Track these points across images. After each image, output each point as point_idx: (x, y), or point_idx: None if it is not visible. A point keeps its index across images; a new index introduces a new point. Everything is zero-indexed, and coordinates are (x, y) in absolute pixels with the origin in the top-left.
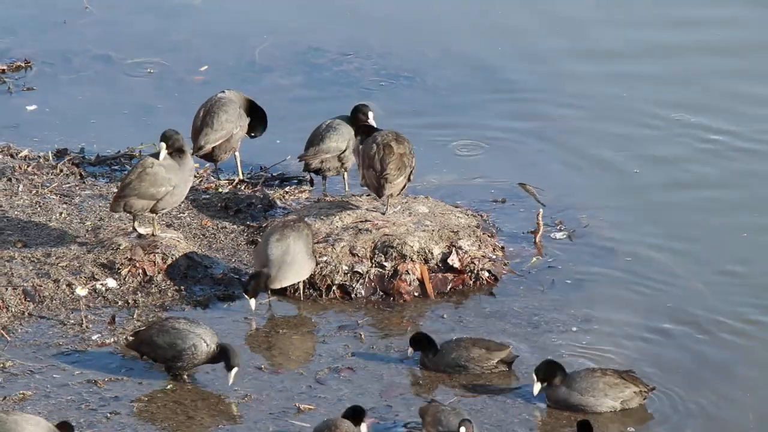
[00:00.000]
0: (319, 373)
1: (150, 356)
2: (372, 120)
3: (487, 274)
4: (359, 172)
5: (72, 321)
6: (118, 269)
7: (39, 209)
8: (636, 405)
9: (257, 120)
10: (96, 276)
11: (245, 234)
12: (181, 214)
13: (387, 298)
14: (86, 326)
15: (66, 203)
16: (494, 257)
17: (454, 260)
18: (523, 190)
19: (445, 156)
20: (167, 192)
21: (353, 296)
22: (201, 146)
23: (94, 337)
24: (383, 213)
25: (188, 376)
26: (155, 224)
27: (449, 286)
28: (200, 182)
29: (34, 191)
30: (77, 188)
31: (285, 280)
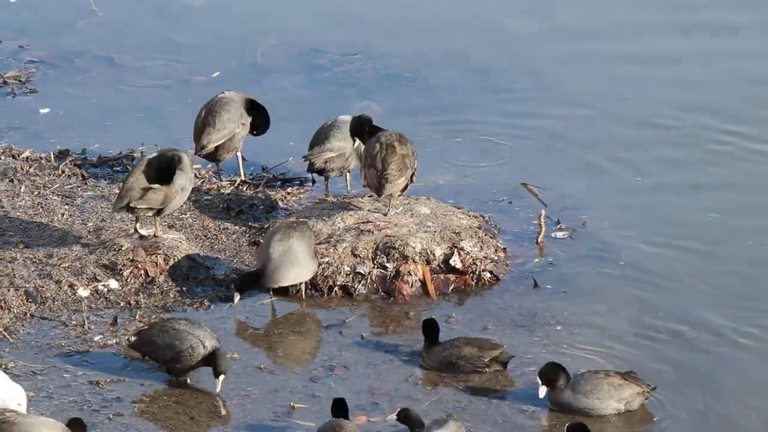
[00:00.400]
0: (316, 372)
1: (151, 357)
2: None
3: (489, 275)
4: (361, 172)
5: (74, 322)
6: (120, 270)
7: (41, 210)
8: (638, 406)
9: (259, 118)
10: (98, 277)
11: (247, 235)
12: (183, 215)
13: (389, 299)
14: (88, 327)
15: (68, 204)
16: (496, 258)
17: (456, 261)
18: (525, 190)
19: (447, 156)
20: (175, 199)
21: (355, 297)
22: (203, 146)
23: (96, 338)
24: (385, 214)
25: (190, 377)
26: (157, 225)
27: (451, 287)
28: (202, 183)
29: (36, 192)
30: (79, 189)
31: (285, 280)
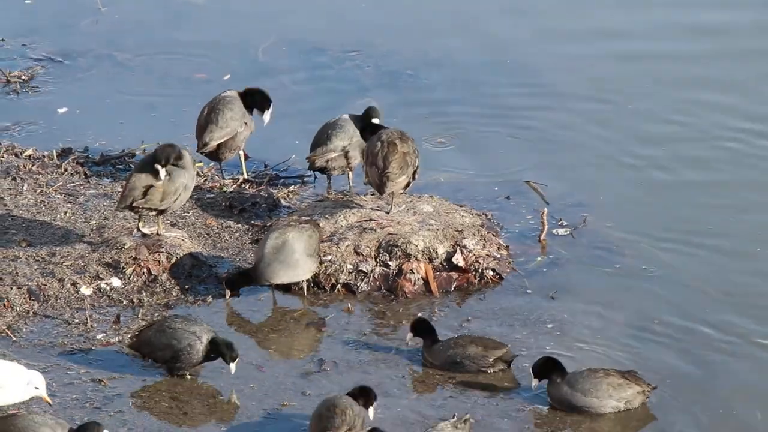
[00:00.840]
0: (314, 369)
1: (151, 357)
2: (376, 120)
3: (492, 273)
4: (363, 170)
5: (77, 320)
6: (123, 268)
7: (43, 208)
8: (638, 405)
9: (259, 100)
10: (101, 275)
11: (250, 233)
12: (186, 214)
13: (391, 297)
14: (91, 325)
15: (70, 202)
16: (499, 256)
17: (459, 259)
18: (528, 188)
19: (448, 154)
20: (178, 198)
21: (357, 295)
22: (206, 143)
23: (99, 336)
24: (387, 212)
25: (191, 375)
26: (160, 223)
27: (454, 285)
28: (204, 181)
29: (39, 190)
30: (82, 187)
31: (276, 277)
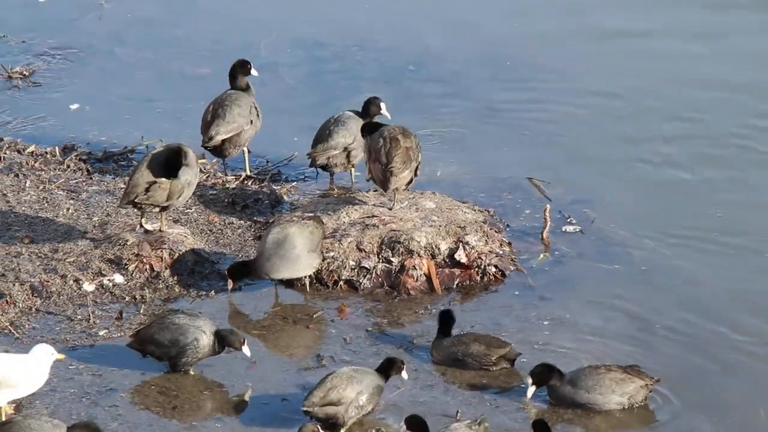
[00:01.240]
0: (313, 364)
1: (154, 355)
2: (385, 111)
3: (494, 270)
4: (366, 166)
5: (79, 316)
6: (126, 265)
7: (46, 205)
8: (642, 399)
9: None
10: (103, 271)
11: (252, 230)
12: (189, 210)
13: (394, 293)
14: (93, 322)
15: (73, 199)
16: (501, 252)
17: (461, 255)
18: (531, 185)
19: (451, 150)
20: (182, 195)
21: (360, 291)
22: (211, 136)
23: (101, 333)
24: (390, 208)
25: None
26: (162, 220)
27: (456, 282)
28: (207, 178)
29: (41, 187)
30: (84, 184)
31: (277, 272)
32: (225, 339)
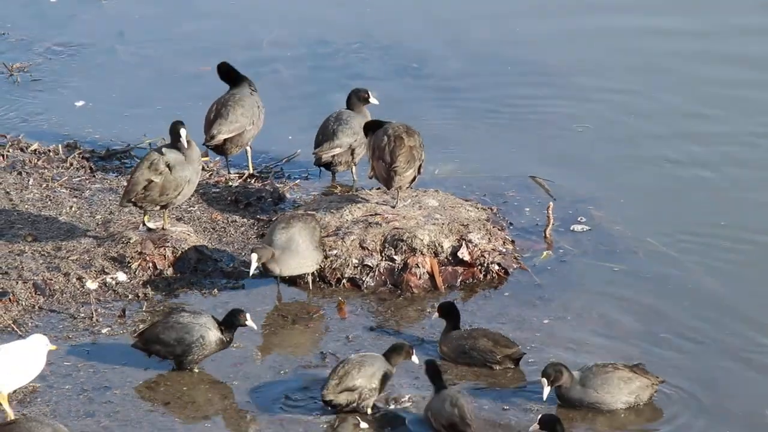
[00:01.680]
0: (316, 361)
1: (159, 354)
2: (374, 99)
3: (497, 268)
4: (369, 164)
5: (82, 314)
6: (129, 263)
7: (49, 203)
8: (647, 398)
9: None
10: (106, 269)
11: (255, 227)
12: (191, 208)
13: (397, 291)
14: (96, 320)
15: (76, 197)
16: (504, 250)
17: (464, 253)
18: (534, 183)
19: (453, 147)
20: (180, 192)
21: (363, 289)
22: (213, 135)
23: (104, 331)
24: (393, 206)
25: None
26: (165, 218)
27: (459, 280)
28: (210, 176)
29: (45, 185)
30: (87, 182)
31: (287, 267)
32: (232, 321)
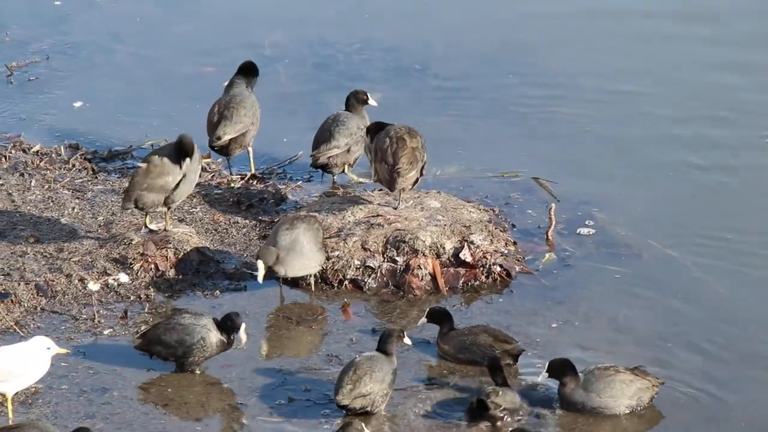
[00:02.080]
0: (319, 363)
1: (160, 355)
2: (372, 101)
3: (499, 269)
4: (372, 167)
5: (84, 316)
6: (131, 264)
7: (51, 204)
8: (648, 401)
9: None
10: (108, 271)
11: (257, 229)
12: (193, 209)
13: (399, 293)
14: (98, 321)
15: (78, 198)
16: (506, 252)
17: (466, 255)
18: (536, 184)
19: (456, 149)
20: (176, 182)
21: (365, 290)
22: (219, 136)
23: (106, 332)
24: (395, 208)
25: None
26: (167, 219)
27: (461, 281)
28: (212, 177)
29: (47, 186)
30: (89, 183)
31: (291, 268)
32: (228, 324)
